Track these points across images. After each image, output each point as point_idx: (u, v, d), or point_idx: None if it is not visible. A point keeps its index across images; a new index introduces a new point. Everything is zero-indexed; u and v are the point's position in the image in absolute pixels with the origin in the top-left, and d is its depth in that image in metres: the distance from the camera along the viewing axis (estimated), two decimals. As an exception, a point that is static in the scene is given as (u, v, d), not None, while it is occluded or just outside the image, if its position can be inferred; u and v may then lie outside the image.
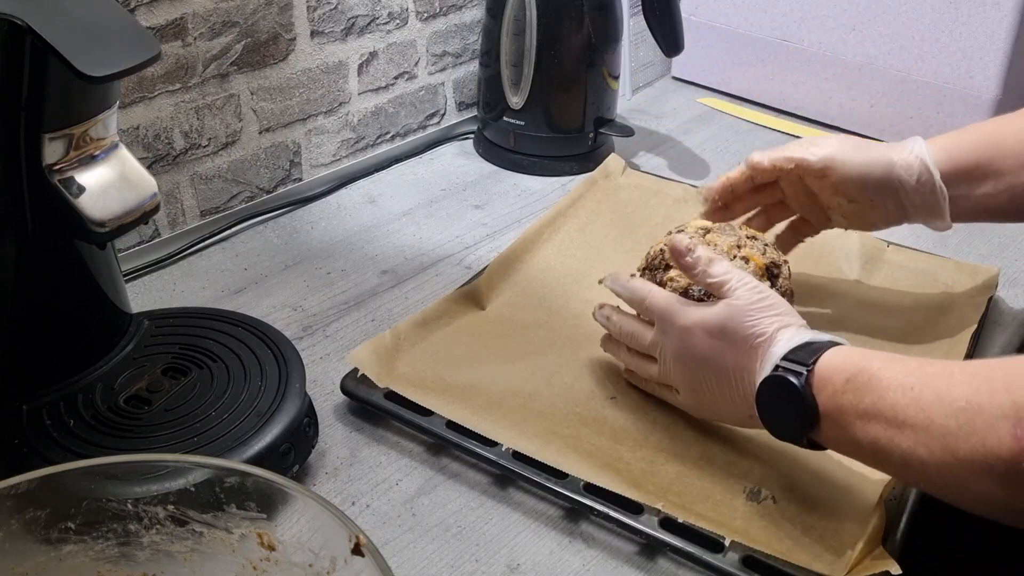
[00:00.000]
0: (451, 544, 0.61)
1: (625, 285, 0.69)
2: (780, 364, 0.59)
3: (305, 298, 0.84)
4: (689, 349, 0.64)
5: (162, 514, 0.48)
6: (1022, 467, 0.47)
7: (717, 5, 1.21)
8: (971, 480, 0.50)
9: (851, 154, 0.69)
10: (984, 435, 0.49)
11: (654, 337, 0.66)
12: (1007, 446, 0.48)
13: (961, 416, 0.50)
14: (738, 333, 0.61)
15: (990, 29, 1.01)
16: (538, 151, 1.04)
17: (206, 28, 0.86)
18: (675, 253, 0.66)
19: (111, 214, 0.58)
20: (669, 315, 0.65)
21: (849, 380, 0.55)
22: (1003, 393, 0.49)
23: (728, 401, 0.63)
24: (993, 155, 0.68)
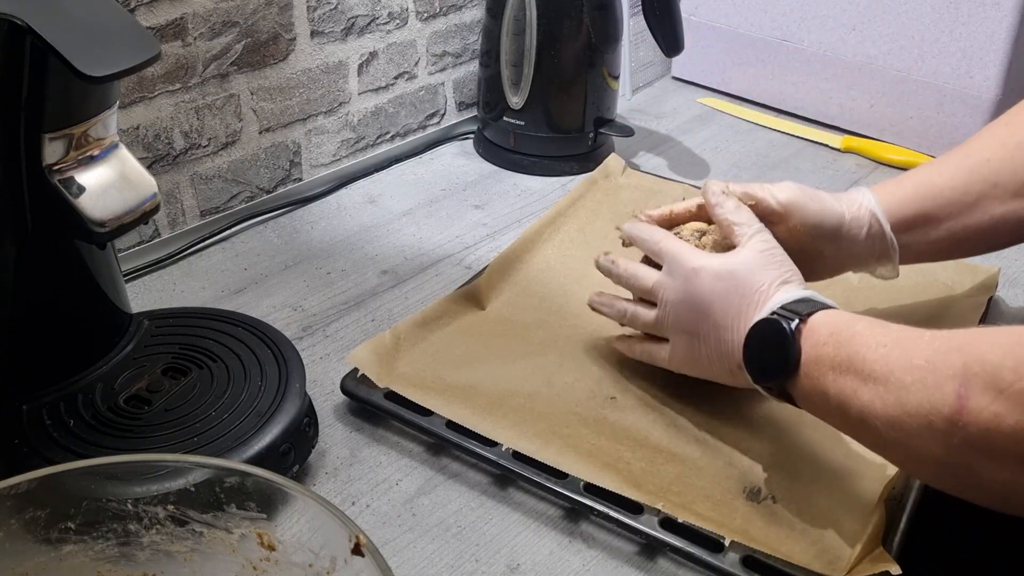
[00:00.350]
0: (451, 544, 0.61)
1: (643, 228, 0.71)
2: (776, 311, 0.61)
3: (305, 298, 0.84)
4: (694, 290, 0.66)
5: (162, 514, 0.48)
6: (960, 424, 0.49)
7: (717, 5, 1.21)
8: (914, 436, 0.52)
9: (808, 203, 0.71)
10: (932, 391, 0.51)
11: (659, 278, 0.68)
12: (950, 403, 0.50)
13: (916, 372, 0.52)
14: (745, 279, 0.64)
15: (990, 29, 1.01)
16: (538, 151, 1.05)
17: (206, 28, 0.86)
18: (706, 191, 0.69)
19: (111, 214, 0.58)
20: (680, 257, 0.67)
21: (833, 333, 0.58)
22: (956, 353, 0.51)
23: (718, 348, 0.65)
24: (931, 205, 0.71)
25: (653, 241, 0.70)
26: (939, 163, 0.73)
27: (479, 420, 0.67)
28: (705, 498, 0.63)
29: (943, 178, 0.71)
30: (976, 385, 0.49)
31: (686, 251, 0.67)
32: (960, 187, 0.71)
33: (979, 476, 0.51)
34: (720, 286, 0.64)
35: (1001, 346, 0.49)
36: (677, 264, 0.67)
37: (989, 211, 0.70)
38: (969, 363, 0.50)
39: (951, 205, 0.71)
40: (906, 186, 0.72)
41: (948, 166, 0.72)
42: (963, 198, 0.70)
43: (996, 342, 0.50)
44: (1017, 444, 0.48)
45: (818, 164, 1.10)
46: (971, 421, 0.49)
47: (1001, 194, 0.70)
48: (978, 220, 0.71)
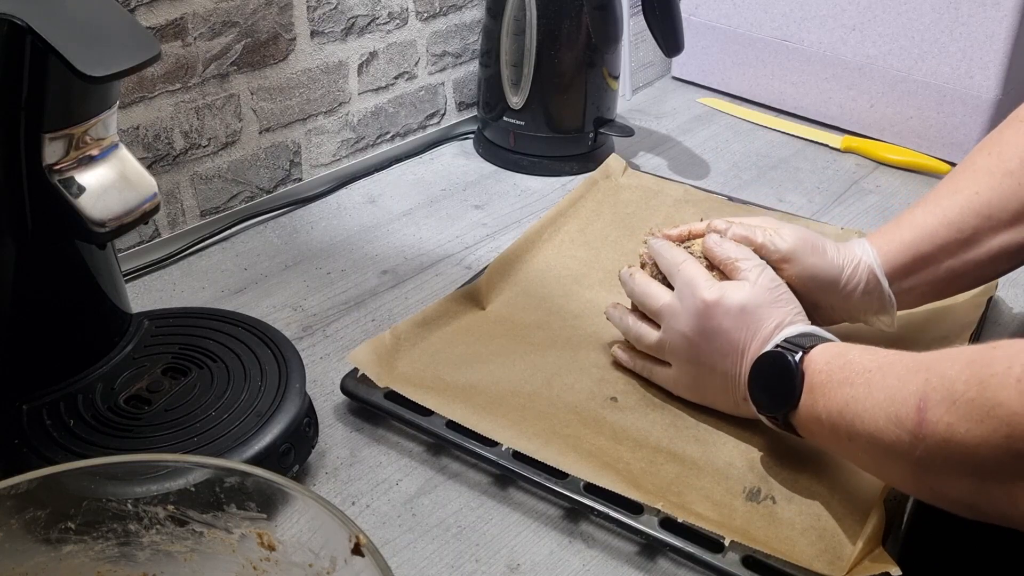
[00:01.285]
0: (451, 544, 0.61)
1: (668, 248, 0.72)
2: (780, 344, 0.63)
3: (305, 298, 0.84)
4: (702, 322, 0.66)
5: (162, 514, 0.48)
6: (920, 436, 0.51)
7: (717, 5, 1.21)
8: (888, 451, 0.54)
9: (808, 256, 0.71)
10: (898, 407, 0.53)
11: (669, 301, 0.69)
12: (912, 417, 0.52)
13: (890, 390, 0.54)
14: (755, 314, 0.65)
15: (990, 29, 1.01)
16: (538, 151, 1.05)
17: (206, 28, 0.86)
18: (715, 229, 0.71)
19: (111, 214, 0.58)
20: (694, 285, 0.68)
21: (828, 362, 0.60)
22: (923, 372, 0.53)
23: (723, 380, 0.66)
24: (928, 248, 0.71)
25: (674, 263, 0.70)
26: (931, 201, 0.73)
27: (479, 420, 0.67)
28: (705, 498, 0.63)
29: (937, 218, 0.71)
30: (933, 398, 0.51)
31: (701, 280, 0.68)
32: (955, 224, 0.71)
33: (944, 486, 0.53)
34: (729, 322, 0.65)
35: (959, 362, 0.51)
36: (689, 292, 0.67)
37: (986, 244, 0.71)
38: (930, 378, 0.52)
39: (948, 244, 0.71)
40: (903, 231, 0.72)
41: (940, 204, 0.72)
42: (959, 235, 0.71)
43: (955, 358, 0.52)
44: (969, 453, 0.49)
45: (818, 164, 1.10)
46: (929, 433, 0.51)
47: (996, 226, 0.70)
48: (976, 255, 0.71)
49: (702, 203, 0.96)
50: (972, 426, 0.49)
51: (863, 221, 0.98)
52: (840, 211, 1.00)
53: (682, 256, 0.70)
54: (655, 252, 0.72)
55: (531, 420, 0.68)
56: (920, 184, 1.06)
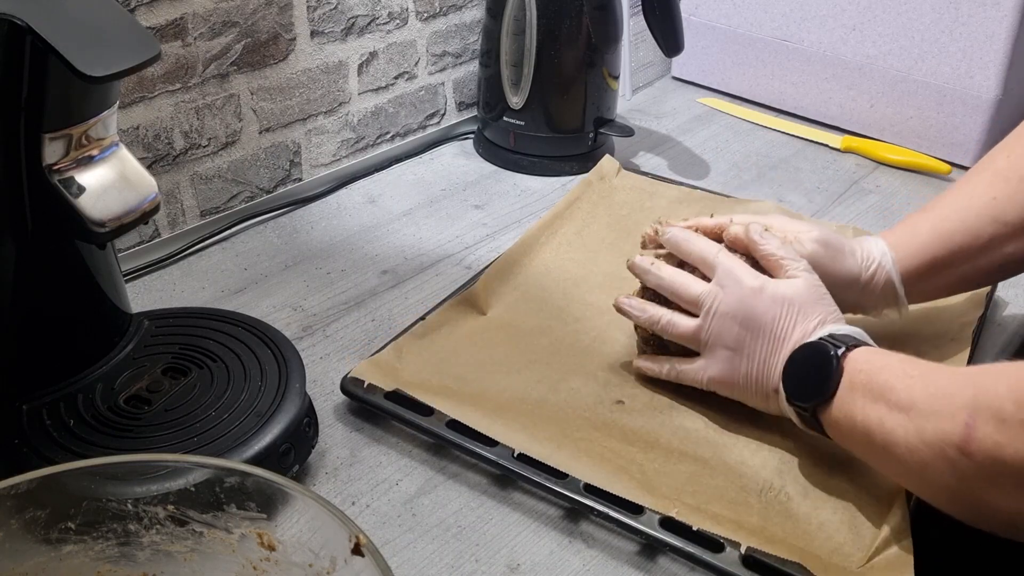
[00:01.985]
0: (451, 544, 0.61)
1: (691, 238, 0.71)
2: (824, 337, 0.63)
3: (305, 298, 0.84)
4: (747, 308, 0.66)
5: (162, 514, 0.48)
6: (968, 452, 0.52)
7: (717, 5, 1.21)
8: (929, 465, 0.55)
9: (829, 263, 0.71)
10: (945, 421, 0.53)
11: (710, 288, 0.68)
12: (959, 433, 0.52)
13: (934, 402, 0.55)
14: (802, 307, 0.65)
15: (990, 29, 1.01)
16: (538, 151, 1.05)
17: (206, 28, 0.86)
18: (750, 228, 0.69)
19: (111, 214, 0.58)
20: (736, 273, 0.67)
21: (868, 361, 0.60)
22: (971, 387, 0.53)
23: (760, 368, 0.66)
24: (944, 253, 0.72)
25: (710, 252, 0.69)
26: (948, 203, 0.73)
27: (488, 423, 0.67)
28: (719, 497, 0.63)
29: (954, 223, 0.72)
30: (982, 415, 0.52)
31: (744, 267, 0.68)
32: (972, 230, 0.71)
33: (987, 504, 0.53)
34: (776, 309, 0.65)
35: (1007, 379, 0.52)
36: (734, 279, 0.67)
37: (1000, 251, 0.71)
38: (978, 395, 0.52)
39: (964, 250, 0.72)
40: (921, 234, 0.73)
41: (957, 207, 0.73)
42: (975, 242, 0.71)
43: (1003, 375, 0.52)
44: (1016, 474, 0.50)
45: (818, 164, 1.10)
46: (977, 450, 0.51)
47: (1011, 232, 0.71)
48: (990, 261, 0.72)
49: (698, 203, 0.96)
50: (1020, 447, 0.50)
51: (863, 221, 0.98)
52: (840, 211, 1.00)
53: (714, 245, 0.70)
54: (676, 241, 0.71)
55: (541, 425, 0.68)
56: (920, 184, 1.06)
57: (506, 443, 0.65)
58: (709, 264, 0.69)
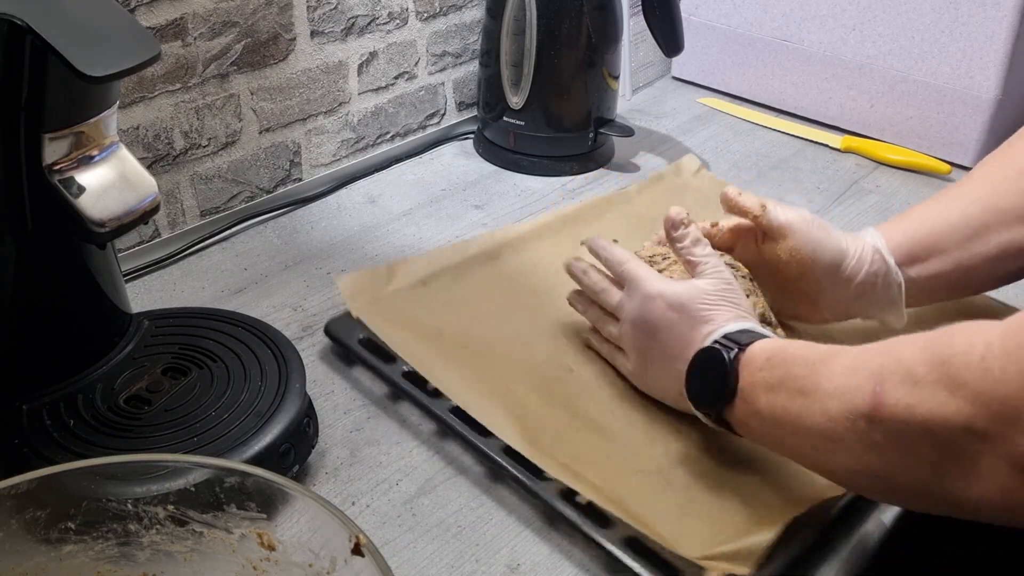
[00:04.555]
0: (451, 544, 0.61)
1: (606, 247, 0.73)
2: (718, 340, 0.63)
3: (305, 298, 0.84)
4: (646, 315, 0.68)
5: (162, 514, 0.48)
6: (878, 419, 0.51)
7: (717, 5, 1.21)
8: (839, 441, 0.53)
9: (811, 229, 0.72)
10: (852, 393, 0.52)
11: (621, 298, 0.71)
12: (867, 400, 0.51)
13: (839, 379, 0.54)
14: (694, 312, 0.66)
15: (990, 29, 1.01)
16: (538, 151, 1.05)
17: (206, 28, 0.86)
18: (669, 223, 0.70)
19: (111, 214, 0.58)
20: (639, 281, 0.69)
21: (768, 359, 0.60)
22: (876, 357, 0.53)
23: (665, 373, 0.67)
24: (937, 237, 0.72)
25: (616, 262, 0.72)
26: (942, 197, 0.74)
27: (432, 366, 0.70)
28: (600, 468, 0.64)
29: (948, 210, 0.72)
30: (891, 380, 0.51)
31: (647, 275, 0.69)
32: (965, 216, 0.71)
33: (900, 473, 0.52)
34: (671, 316, 0.67)
35: (915, 345, 0.51)
36: (635, 288, 0.69)
37: (995, 239, 0.71)
38: (885, 363, 0.52)
39: (957, 234, 0.71)
40: (911, 219, 0.73)
41: (951, 199, 0.73)
42: (968, 227, 0.71)
43: (912, 342, 0.52)
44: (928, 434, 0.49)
45: (818, 164, 1.10)
46: (887, 415, 0.50)
47: (1007, 220, 0.70)
48: (984, 249, 0.71)
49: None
50: (935, 407, 0.48)
51: (863, 221, 0.98)
52: (840, 211, 1.00)
53: (624, 255, 0.72)
54: (594, 248, 0.74)
55: (481, 372, 0.71)
56: (920, 184, 1.06)
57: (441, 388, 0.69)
58: (619, 275, 0.71)
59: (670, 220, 0.70)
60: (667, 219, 0.70)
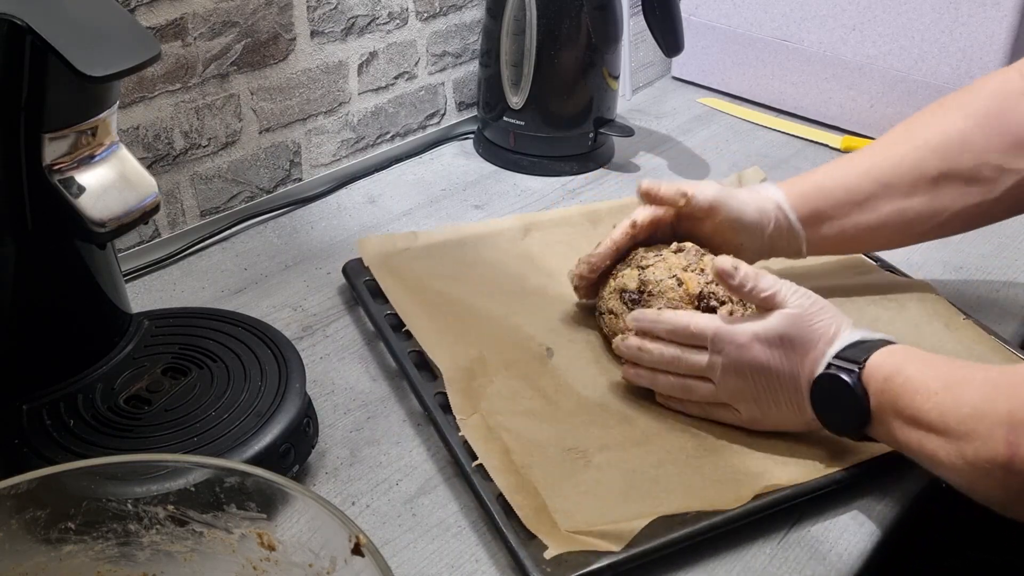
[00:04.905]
0: (451, 544, 0.61)
1: (660, 318, 0.68)
2: (832, 362, 0.62)
3: (305, 298, 0.84)
4: (748, 362, 0.65)
5: (162, 514, 0.48)
6: (1015, 469, 0.52)
7: (717, 5, 1.21)
8: (979, 481, 0.55)
9: (730, 200, 0.75)
10: (984, 440, 0.53)
11: (711, 360, 0.66)
12: (1002, 452, 0.52)
13: (968, 423, 0.54)
14: (799, 338, 0.64)
15: (990, 29, 1.01)
16: (538, 151, 1.04)
17: (206, 28, 0.86)
18: (723, 275, 0.66)
19: (111, 214, 0.58)
20: (723, 334, 0.65)
21: (887, 379, 0.60)
22: (1004, 401, 0.53)
23: (787, 407, 0.65)
24: (823, 204, 0.76)
25: (682, 327, 0.67)
26: (834, 165, 0.79)
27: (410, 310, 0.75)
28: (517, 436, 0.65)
29: (834, 180, 0.77)
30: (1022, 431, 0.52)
31: (727, 326, 0.65)
32: (852, 187, 0.76)
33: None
34: (775, 353, 0.64)
35: None
36: (722, 342, 0.65)
37: (880, 209, 0.76)
38: (1014, 410, 0.52)
39: (842, 204, 0.76)
40: (804, 186, 0.78)
41: (841, 168, 0.78)
42: (852, 198, 0.76)
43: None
44: None
45: (818, 164, 1.09)
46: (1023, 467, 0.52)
47: (891, 193, 0.75)
48: (869, 217, 0.76)
49: None
50: None
51: (863, 221, 0.98)
52: (840, 211, 1.00)
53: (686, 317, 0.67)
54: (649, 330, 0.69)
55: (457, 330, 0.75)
56: (920, 184, 1.06)
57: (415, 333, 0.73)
58: (692, 337, 0.67)
59: (723, 272, 0.66)
60: (719, 272, 0.66)
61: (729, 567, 0.60)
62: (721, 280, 0.67)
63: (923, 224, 0.76)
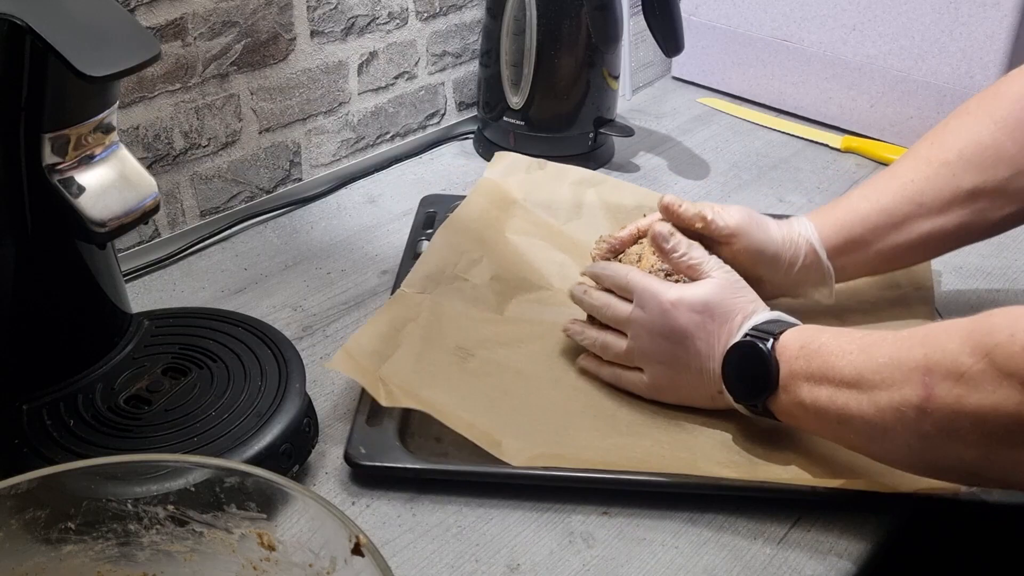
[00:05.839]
0: (451, 544, 0.61)
1: (606, 267, 0.73)
2: (750, 332, 0.65)
3: (305, 298, 0.84)
4: (670, 323, 0.67)
5: (162, 514, 0.48)
6: (928, 411, 0.53)
7: (717, 5, 1.21)
8: (889, 430, 0.56)
9: (755, 230, 0.73)
10: (900, 386, 0.55)
11: (632, 313, 0.69)
12: (917, 393, 0.54)
13: (883, 371, 0.56)
14: (721, 307, 0.67)
15: (990, 29, 1.01)
16: (538, 151, 1.04)
17: (206, 28, 0.86)
18: (657, 238, 0.70)
19: (111, 214, 0.58)
20: (651, 291, 0.69)
21: (802, 347, 0.61)
22: (919, 348, 0.55)
23: (698, 376, 0.68)
24: (860, 230, 0.75)
25: (621, 277, 0.71)
26: (869, 186, 0.77)
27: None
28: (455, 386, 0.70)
29: (870, 202, 0.75)
30: (938, 373, 0.53)
31: (657, 284, 0.69)
32: (887, 210, 0.74)
33: (949, 458, 0.55)
34: (696, 318, 0.67)
35: (957, 335, 0.53)
36: (648, 298, 0.69)
37: (915, 230, 0.74)
38: (929, 354, 0.54)
39: (879, 228, 0.74)
40: (838, 213, 0.76)
41: (876, 189, 0.76)
42: (889, 220, 0.74)
43: (953, 332, 0.54)
44: (979, 423, 0.51)
45: (818, 164, 1.09)
46: (938, 407, 0.53)
47: (926, 212, 0.74)
48: (906, 238, 0.75)
49: None
50: (983, 396, 0.51)
51: (863, 221, 0.98)
52: (840, 211, 1.00)
53: (624, 269, 0.71)
54: (595, 274, 0.73)
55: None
56: (920, 184, 1.06)
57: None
58: (624, 288, 0.70)
59: (660, 235, 0.70)
60: (654, 235, 0.70)
61: (729, 567, 0.60)
62: (655, 244, 0.70)
63: (958, 240, 0.76)
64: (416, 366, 0.72)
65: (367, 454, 0.65)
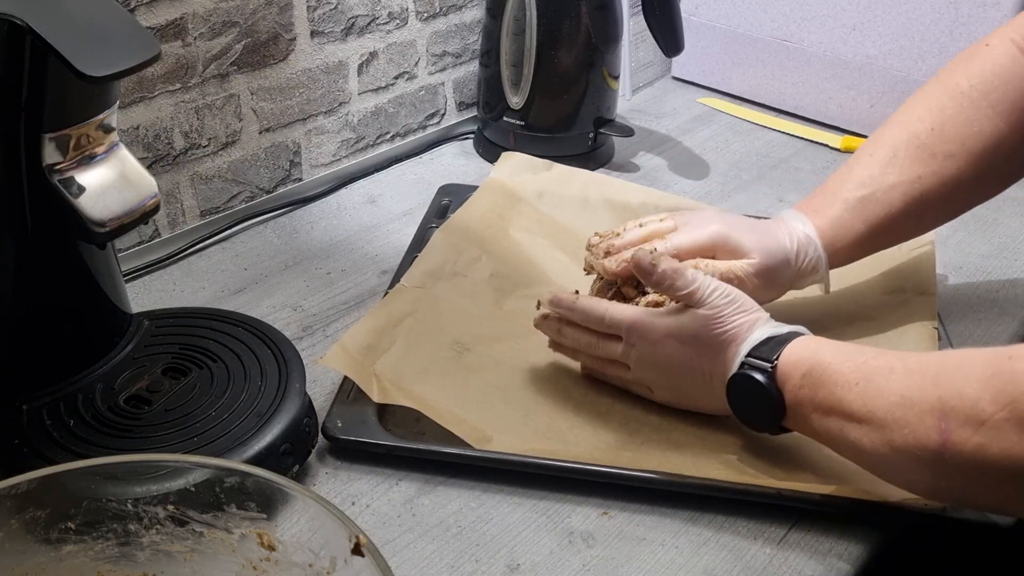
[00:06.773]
0: (451, 544, 0.61)
1: (575, 306, 0.69)
2: (745, 361, 0.62)
3: (305, 298, 0.84)
4: (663, 358, 0.66)
5: (162, 514, 0.48)
6: (946, 457, 0.52)
7: (717, 5, 1.21)
8: (905, 468, 0.55)
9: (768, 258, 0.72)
10: (914, 428, 0.53)
11: (624, 348, 0.67)
12: (933, 439, 0.52)
13: (896, 411, 0.54)
14: (708, 339, 0.64)
15: (990, 29, 1.01)
16: (538, 151, 1.04)
17: (206, 28, 0.86)
18: (641, 271, 0.66)
19: (111, 214, 0.58)
20: (637, 329, 0.67)
21: (805, 375, 0.60)
22: (932, 388, 0.53)
23: (705, 398, 0.67)
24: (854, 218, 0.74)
25: (596, 318, 0.68)
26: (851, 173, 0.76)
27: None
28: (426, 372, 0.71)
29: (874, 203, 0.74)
30: (956, 419, 0.51)
31: (640, 319, 0.66)
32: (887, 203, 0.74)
33: (970, 496, 0.54)
34: (688, 351, 0.65)
35: (977, 379, 0.51)
36: (636, 336, 0.67)
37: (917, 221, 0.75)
38: (945, 397, 0.52)
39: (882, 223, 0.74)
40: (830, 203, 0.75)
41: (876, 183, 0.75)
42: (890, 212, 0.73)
43: (970, 374, 0.52)
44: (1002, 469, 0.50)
45: (818, 164, 1.09)
46: (956, 453, 0.51)
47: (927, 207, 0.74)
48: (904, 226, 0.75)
49: None
50: (1008, 446, 0.49)
51: (863, 221, 0.98)
52: (840, 211, 1.00)
53: (601, 307, 0.68)
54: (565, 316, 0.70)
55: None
56: (920, 184, 1.06)
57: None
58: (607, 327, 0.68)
59: (641, 269, 0.66)
60: (636, 266, 0.66)
61: (729, 567, 0.60)
62: (639, 275, 0.67)
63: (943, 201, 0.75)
64: (411, 361, 0.72)
65: (343, 428, 0.66)
